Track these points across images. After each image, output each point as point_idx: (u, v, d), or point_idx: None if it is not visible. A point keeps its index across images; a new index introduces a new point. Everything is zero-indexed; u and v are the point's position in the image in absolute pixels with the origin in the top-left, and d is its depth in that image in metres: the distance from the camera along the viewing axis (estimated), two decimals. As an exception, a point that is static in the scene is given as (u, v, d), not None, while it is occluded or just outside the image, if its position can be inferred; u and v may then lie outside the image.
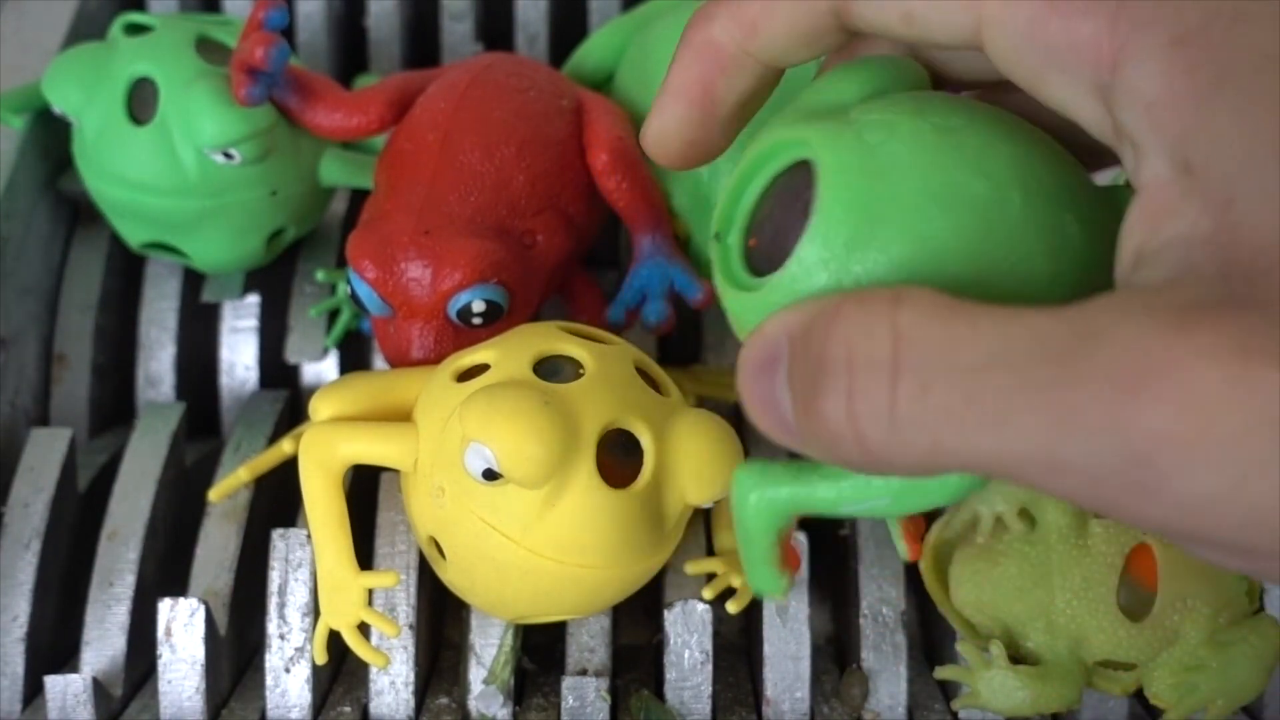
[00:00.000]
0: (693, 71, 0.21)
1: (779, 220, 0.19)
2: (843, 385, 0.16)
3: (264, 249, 0.35)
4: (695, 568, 0.30)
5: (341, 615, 0.27)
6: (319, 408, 0.28)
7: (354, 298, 0.29)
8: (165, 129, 0.32)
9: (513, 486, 0.24)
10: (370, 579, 0.27)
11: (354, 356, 0.38)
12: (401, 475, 0.28)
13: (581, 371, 0.26)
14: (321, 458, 0.27)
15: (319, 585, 0.28)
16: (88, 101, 0.33)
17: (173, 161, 0.32)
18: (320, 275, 0.36)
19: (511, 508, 0.25)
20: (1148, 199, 0.16)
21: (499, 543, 0.25)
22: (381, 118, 0.32)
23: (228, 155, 0.32)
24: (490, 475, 0.24)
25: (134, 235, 0.35)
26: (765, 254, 0.19)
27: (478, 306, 0.28)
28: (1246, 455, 0.13)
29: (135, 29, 0.34)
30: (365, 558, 0.30)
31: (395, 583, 0.27)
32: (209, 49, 0.34)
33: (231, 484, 0.32)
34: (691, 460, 0.25)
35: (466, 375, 0.27)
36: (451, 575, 0.27)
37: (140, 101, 0.33)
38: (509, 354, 0.26)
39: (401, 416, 0.28)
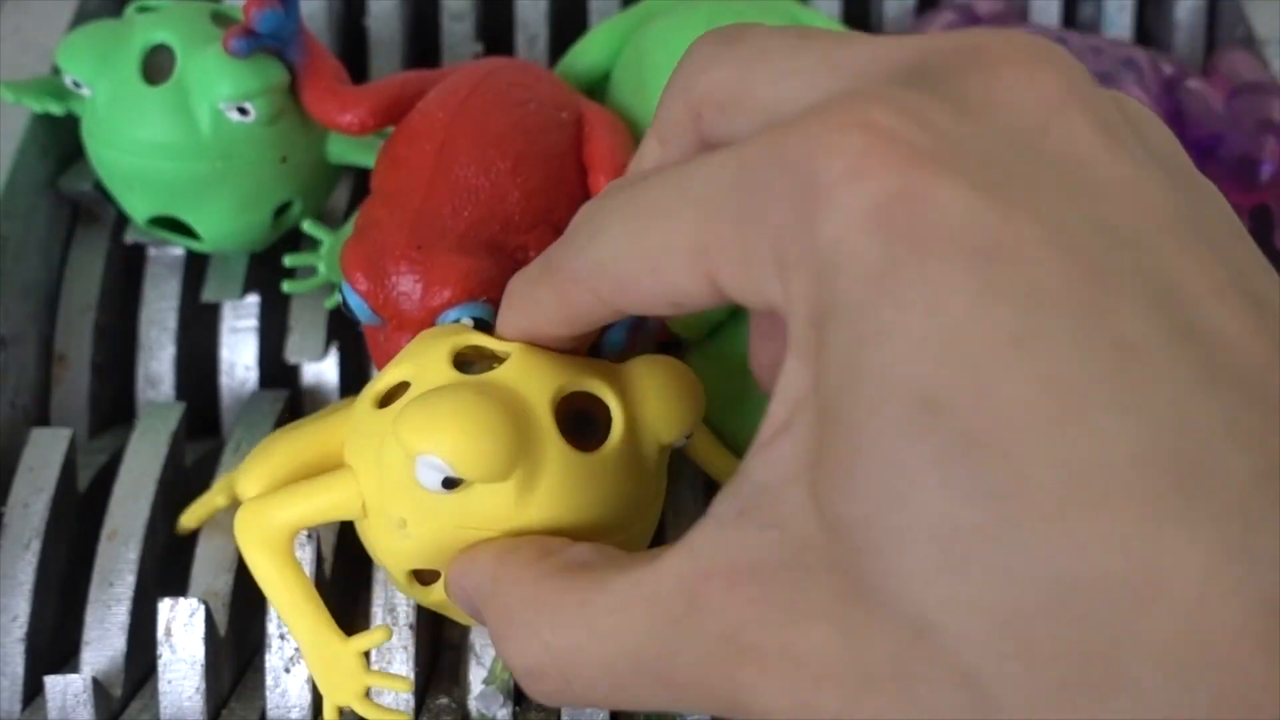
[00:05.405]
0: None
1: None
2: (529, 686, 0.20)
3: (270, 223, 0.35)
4: None
5: (344, 690, 0.25)
6: (243, 486, 0.26)
7: (346, 307, 0.29)
8: (181, 87, 0.33)
9: (479, 486, 0.23)
10: (361, 642, 0.25)
11: (354, 356, 0.38)
12: (356, 525, 0.26)
13: (506, 354, 0.24)
14: (261, 537, 0.25)
15: (310, 666, 0.26)
16: (102, 68, 0.33)
17: (186, 119, 0.33)
18: (288, 260, 0.36)
19: (486, 508, 0.23)
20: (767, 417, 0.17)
21: None
22: (363, 123, 0.32)
23: (242, 111, 0.32)
24: (450, 483, 0.22)
25: (141, 208, 0.35)
26: None
27: (467, 324, 0.28)
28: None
29: (147, 13, 0.35)
30: (365, 557, 0.30)
31: (387, 638, 0.25)
32: (224, 22, 0.34)
33: (200, 513, 0.32)
34: (657, 397, 0.24)
35: (388, 400, 0.25)
36: (446, 597, 0.25)
37: (156, 67, 0.33)
38: (424, 363, 0.25)
39: (335, 465, 0.26)
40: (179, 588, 0.31)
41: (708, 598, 0.16)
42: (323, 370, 0.38)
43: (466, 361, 0.25)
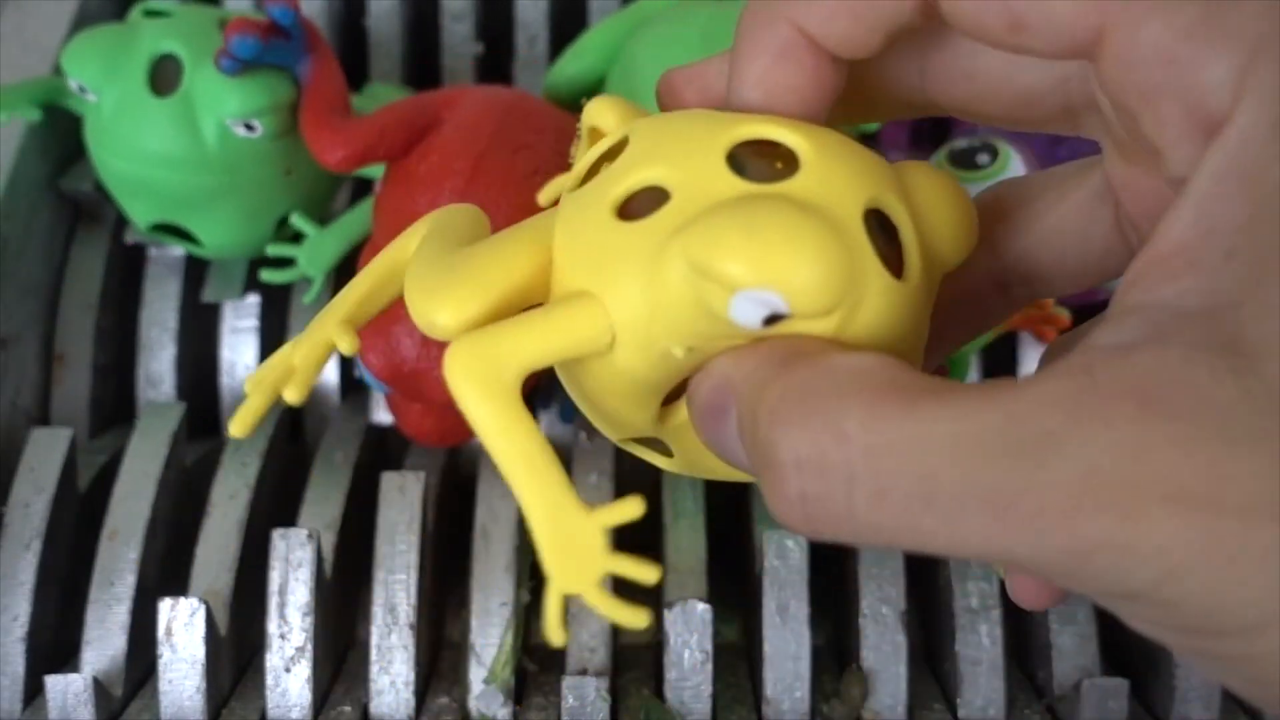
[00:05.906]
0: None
1: None
2: (794, 485, 0.16)
3: (272, 234, 0.35)
4: None
5: (581, 574, 0.19)
6: (444, 315, 0.20)
7: (368, 381, 0.31)
8: (188, 101, 0.33)
9: (800, 321, 0.18)
10: (608, 515, 0.19)
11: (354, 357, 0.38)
12: (575, 367, 0.21)
13: (792, 151, 0.19)
14: (487, 376, 0.19)
15: (540, 541, 0.19)
16: (109, 75, 0.33)
17: (193, 133, 0.33)
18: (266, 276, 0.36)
19: None
20: (1163, 244, 0.15)
21: None
22: (340, 165, 0.32)
23: (249, 127, 0.33)
24: (773, 320, 0.18)
25: (143, 215, 0.35)
26: None
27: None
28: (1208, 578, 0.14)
29: (155, 17, 0.35)
30: (365, 557, 0.31)
31: (640, 512, 0.19)
32: None
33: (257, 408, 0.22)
34: (944, 215, 0.21)
35: (632, 208, 0.19)
36: (686, 417, 0.21)
37: (163, 77, 0.33)
38: (689, 165, 0.19)
39: (544, 286, 0.21)
40: (179, 588, 0.31)
41: (1104, 419, 0.14)
42: (323, 370, 0.38)
43: (737, 160, 0.19)
